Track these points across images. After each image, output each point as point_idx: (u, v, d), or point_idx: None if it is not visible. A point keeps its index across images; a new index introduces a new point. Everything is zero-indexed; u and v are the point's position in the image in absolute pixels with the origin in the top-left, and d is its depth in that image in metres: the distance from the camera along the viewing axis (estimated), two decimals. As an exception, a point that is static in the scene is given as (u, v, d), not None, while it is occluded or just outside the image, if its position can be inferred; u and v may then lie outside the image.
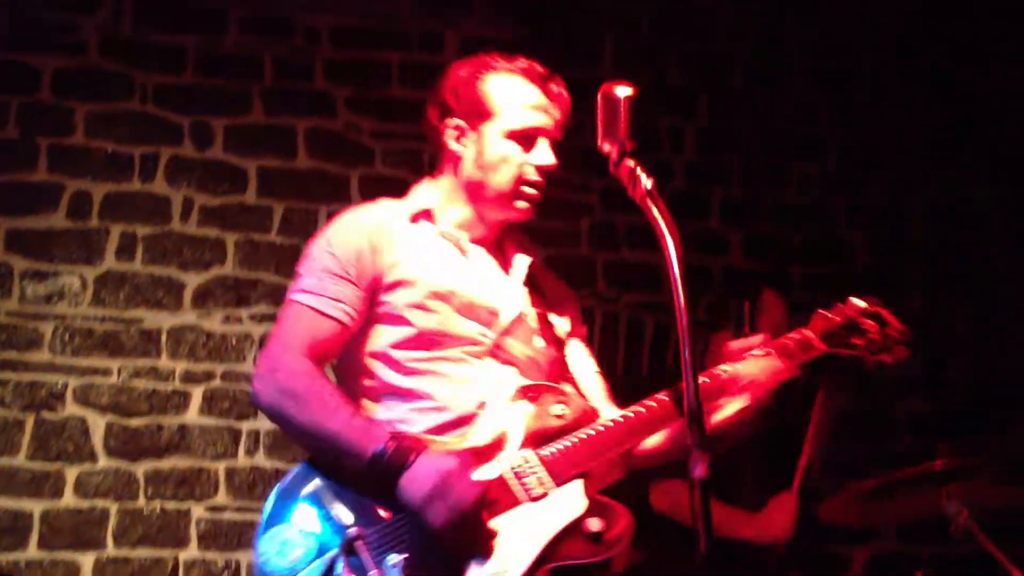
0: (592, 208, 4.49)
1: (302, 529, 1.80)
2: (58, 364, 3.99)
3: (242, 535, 3.92)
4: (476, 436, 1.92)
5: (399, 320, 1.98)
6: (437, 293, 1.99)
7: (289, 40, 4.44)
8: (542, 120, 2.09)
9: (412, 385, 1.97)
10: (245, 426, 4.07)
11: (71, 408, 3.96)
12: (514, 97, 2.09)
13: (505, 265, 2.14)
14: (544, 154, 2.07)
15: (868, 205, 4.73)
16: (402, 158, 4.43)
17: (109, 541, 3.86)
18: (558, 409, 1.95)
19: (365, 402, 2.00)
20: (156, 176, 4.25)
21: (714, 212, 4.61)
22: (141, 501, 3.90)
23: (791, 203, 4.68)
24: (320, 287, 1.98)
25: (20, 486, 3.83)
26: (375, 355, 2.00)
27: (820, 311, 2.16)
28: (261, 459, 4.06)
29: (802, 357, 2.05)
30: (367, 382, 2.01)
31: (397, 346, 1.98)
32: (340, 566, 1.74)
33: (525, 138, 2.08)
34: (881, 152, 4.76)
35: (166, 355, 4.07)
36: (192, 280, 4.18)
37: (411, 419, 1.95)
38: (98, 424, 3.96)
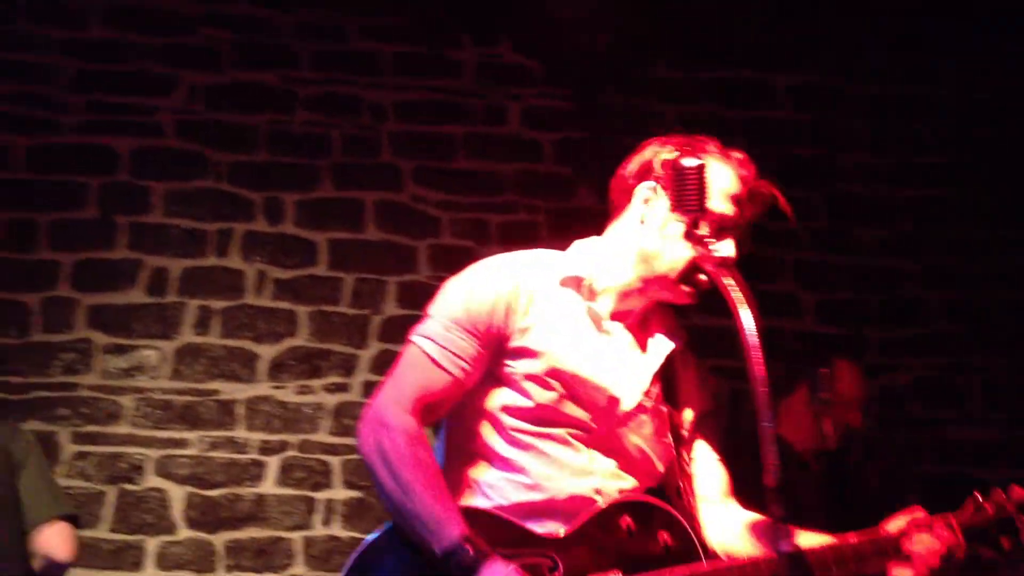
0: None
1: None
2: (138, 436, 4.10)
3: (319, 604, 3.97)
4: (577, 539, 1.85)
5: (516, 388, 1.92)
6: (559, 371, 1.91)
7: (355, 116, 4.57)
8: (736, 213, 2.01)
9: (511, 455, 1.91)
10: (321, 496, 4.13)
11: (151, 480, 4.05)
12: (719, 183, 1.99)
13: (644, 347, 2.04)
14: (728, 247, 1.95)
15: (946, 266, 4.69)
16: (468, 228, 4.52)
17: (189, 614, 3.93)
18: (665, 539, 1.85)
19: (468, 459, 1.95)
20: (230, 251, 4.38)
21: (787, 274, 4.64)
22: (221, 572, 3.96)
23: (865, 265, 4.68)
24: (445, 337, 1.92)
25: (103, 558, 3.92)
26: (486, 414, 1.94)
27: (973, 498, 1.94)
28: (337, 529, 4.11)
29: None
30: (471, 437, 1.95)
31: (508, 412, 1.92)
32: None
33: (717, 226, 1.97)
34: (955, 212, 4.73)
35: (242, 426, 4.15)
36: (266, 352, 4.28)
37: (501, 487, 1.90)
38: (177, 496, 4.04)
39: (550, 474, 1.88)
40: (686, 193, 1.90)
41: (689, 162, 1.91)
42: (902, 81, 4.79)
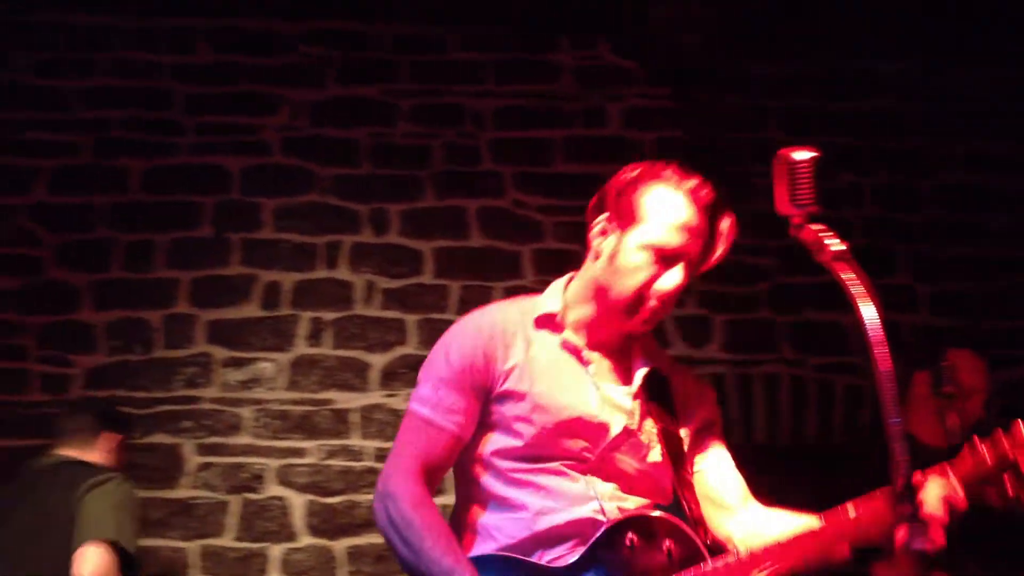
0: (769, 271, 4.47)
1: None
2: (258, 446, 4.21)
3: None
4: (585, 566, 1.89)
5: (505, 430, 1.98)
6: (544, 408, 1.96)
7: (455, 125, 4.63)
8: (683, 241, 1.99)
9: (509, 494, 1.97)
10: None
11: (272, 488, 4.16)
12: (666, 212, 2.00)
13: (625, 373, 2.07)
14: (671, 277, 1.98)
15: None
16: (571, 231, 4.51)
17: (316, 618, 4.03)
18: (668, 546, 1.88)
19: (472, 505, 2.02)
20: (339, 263, 4.47)
21: (899, 267, 4.53)
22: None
23: (980, 255, 4.54)
24: (435, 397, 2.00)
25: (229, 565, 4.04)
26: (480, 460, 2.01)
27: (970, 445, 1.90)
28: (453, 533, 4.15)
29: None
30: (475, 488, 2.02)
31: (500, 454, 1.99)
32: None
33: (662, 255, 1.99)
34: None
35: (357, 434, 4.23)
36: (377, 361, 4.35)
37: (504, 527, 1.96)
38: (297, 503, 4.14)
39: (550, 505, 1.93)
40: (798, 188, 1.86)
41: (801, 155, 1.87)
42: (1009, 65, 4.64)
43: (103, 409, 3.43)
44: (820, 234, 1.84)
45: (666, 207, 2.01)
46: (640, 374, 2.05)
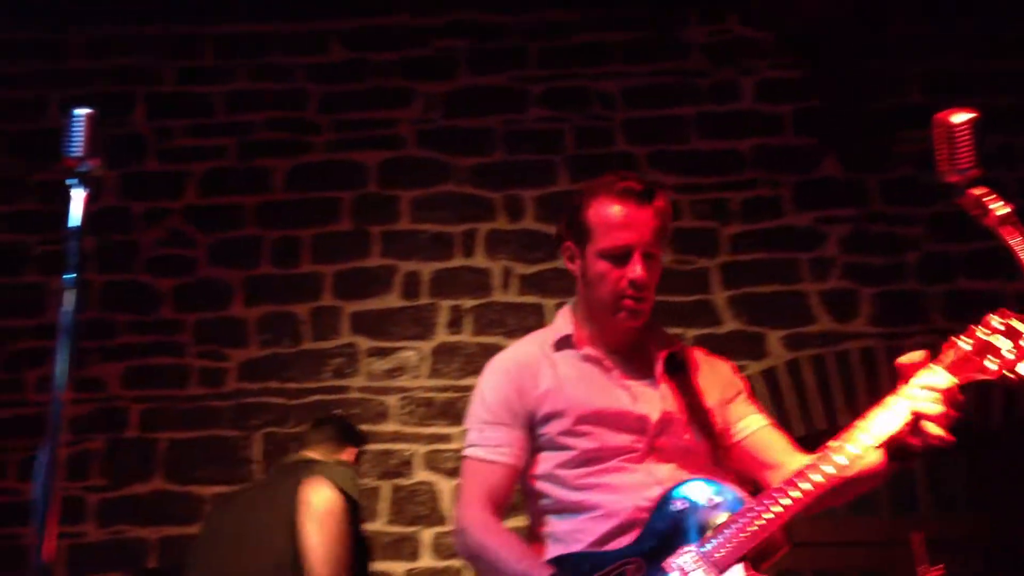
0: (918, 240, 4.31)
1: None
2: (405, 433, 4.30)
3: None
4: (643, 541, 2.06)
5: (557, 446, 2.18)
6: (585, 417, 2.17)
7: (586, 108, 4.62)
8: (630, 237, 2.18)
9: (581, 498, 2.15)
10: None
11: (420, 474, 4.25)
12: (606, 218, 2.20)
13: (647, 365, 2.25)
14: (633, 268, 2.17)
15: None
16: (708, 209, 4.46)
17: (469, 599, 4.09)
18: (710, 499, 2.05)
19: (547, 517, 2.20)
20: (476, 251, 4.52)
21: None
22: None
23: None
24: (481, 438, 2.24)
25: (383, 549, 4.14)
26: (545, 477, 2.20)
27: (952, 339, 2.08)
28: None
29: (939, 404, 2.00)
30: (544, 501, 2.20)
31: (561, 467, 2.18)
32: None
33: (617, 255, 2.19)
34: None
35: (484, 375, 4.25)
36: (517, 346, 4.38)
37: (586, 528, 2.13)
38: (446, 488, 4.21)
39: (618, 498, 2.12)
40: (958, 151, 1.81)
41: (959, 118, 1.83)
42: None
43: (346, 424, 3.57)
44: (983, 198, 1.78)
45: (603, 214, 2.21)
46: (659, 363, 2.24)
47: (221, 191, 4.63)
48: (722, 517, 2.02)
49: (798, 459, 2.16)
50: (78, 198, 1.84)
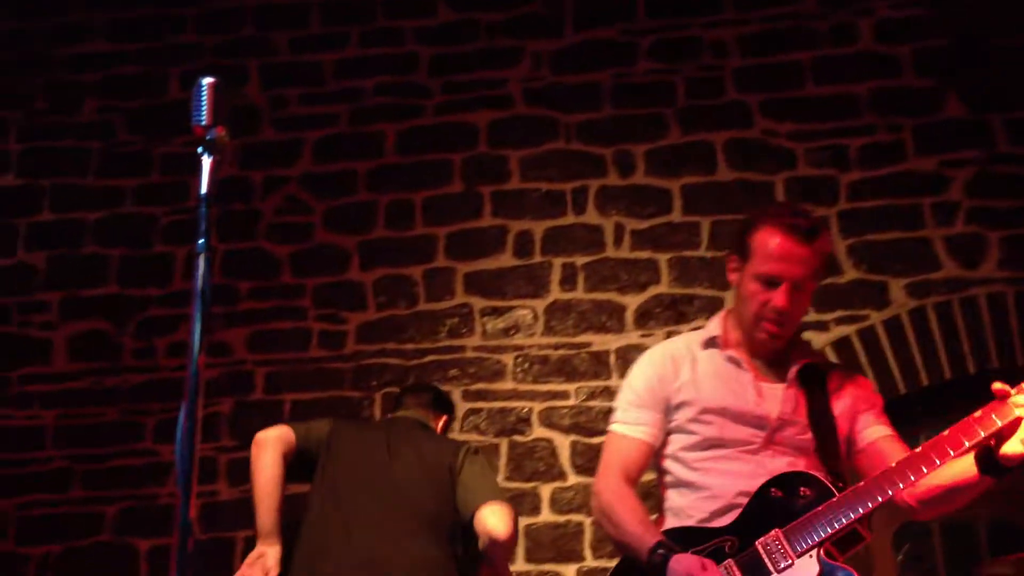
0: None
1: None
2: (521, 391, 4.33)
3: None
4: (744, 520, 2.34)
5: (685, 431, 2.48)
6: (710, 409, 2.45)
7: (697, 58, 4.54)
8: (782, 269, 2.40)
9: (695, 479, 2.44)
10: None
11: (538, 431, 4.27)
12: (766, 247, 2.42)
13: (782, 372, 2.50)
14: (778, 297, 2.41)
15: None
16: (826, 156, 4.35)
17: (588, 553, 4.09)
18: (804, 491, 2.30)
19: (669, 492, 2.53)
20: (587, 208, 4.50)
21: None
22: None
23: None
24: (624, 416, 2.56)
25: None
26: (671, 457, 2.52)
27: None
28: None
29: None
30: (668, 477, 2.53)
31: (684, 449, 2.48)
32: None
33: (768, 281, 2.42)
34: None
35: (616, 375, 4.27)
36: (631, 302, 4.37)
37: (695, 506, 2.43)
38: (563, 444, 4.24)
39: (725, 483, 2.40)
40: None
41: None
42: None
43: (439, 393, 3.63)
44: None
45: (765, 242, 2.43)
46: (793, 370, 2.48)
47: (334, 157, 4.70)
48: (810, 508, 2.25)
49: None
50: (206, 165, 1.88)
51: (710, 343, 2.55)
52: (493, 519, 2.94)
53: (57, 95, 4.91)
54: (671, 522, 2.46)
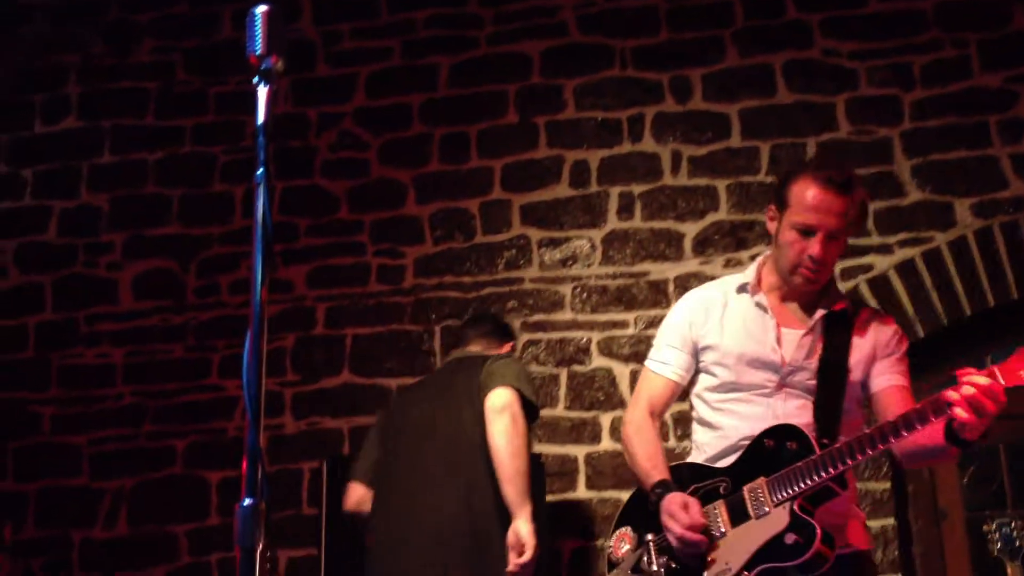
0: None
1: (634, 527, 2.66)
2: (580, 321, 4.33)
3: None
4: (740, 464, 2.51)
5: (708, 372, 2.64)
6: (731, 352, 2.59)
7: (755, -23, 4.44)
8: (818, 219, 2.51)
9: (712, 419, 2.62)
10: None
11: (597, 360, 4.28)
12: (803, 197, 2.53)
13: (807, 318, 2.61)
14: (813, 246, 2.51)
15: None
16: (888, 75, 4.25)
17: (648, 480, 4.11)
18: (791, 444, 2.43)
19: (695, 426, 2.71)
20: (644, 135, 4.45)
21: None
22: (672, 442, 4.10)
23: None
24: (658, 354, 2.75)
25: (563, 434, 4.22)
26: (697, 396, 2.69)
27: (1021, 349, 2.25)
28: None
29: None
30: (695, 413, 2.72)
31: (707, 390, 2.65)
32: (644, 558, 2.51)
33: (804, 230, 2.52)
34: None
35: (675, 303, 4.23)
36: (690, 229, 4.32)
37: (710, 443, 2.61)
38: (623, 373, 4.24)
39: (737, 425, 2.56)
40: None
41: None
42: None
43: (498, 322, 3.68)
44: None
45: (803, 194, 2.53)
46: (816, 317, 2.58)
47: (388, 92, 4.69)
48: (793, 461, 2.39)
49: None
50: (262, 95, 1.87)
51: (743, 288, 2.68)
52: (491, 399, 3.11)
53: (113, 37, 4.95)
54: (692, 455, 2.69)
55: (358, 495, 3.35)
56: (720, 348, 2.61)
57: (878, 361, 2.59)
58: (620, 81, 4.51)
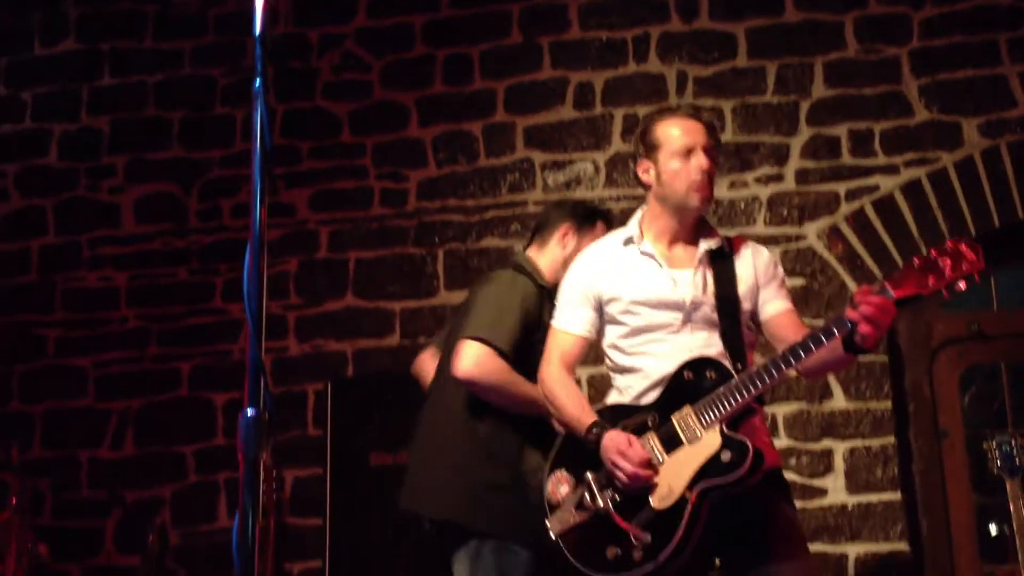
0: None
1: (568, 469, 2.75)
2: (583, 244, 4.31)
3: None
4: (664, 398, 2.65)
5: (617, 322, 2.77)
6: (635, 301, 2.73)
7: None
8: (692, 138, 2.72)
9: (630, 363, 2.74)
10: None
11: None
12: (671, 130, 2.75)
13: (691, 258, 2.76)
14: (698, 159, 2.71)
15: None
16: (899, -8, 4.18)
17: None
18: (709, 374, 2.60)
19: (613, 375, 2.82)
20: (649, 56, 4.40)
21: None
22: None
23: None
24: (563, 313, 2.86)
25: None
26: (610, 346, 2.81)
27: (913, 258, 2.45)
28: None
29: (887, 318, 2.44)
30: (610, 363, 2.83)
31: (619, 338, 2.77)
32: (586, 495, 2.64)
33: (685, 151, 2.71)
34: None
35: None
36: (695, 151, 4.28)
37: (632, 385, 2.73)
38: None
39: (654, 364, 2.70)
40: None
41: None
42: None
43: (572, 205, 3.37)
44: None
45: (670, 129, 2.75)
46: (698, 255, 2.75)
47: (389, 12, 4.63)
48: (714, 388, 2.55)
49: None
50: (259, 4, 1.85)
51: (629, 241, 2.82)
52: (457, 359, 2.89)
53: (110, -43, 4.88)
54: (612, 398, 2.81)
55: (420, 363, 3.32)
56: (624, 297, 2.75)
57: (763, 289, 2.76)
58: (625, 0, 4.44)
